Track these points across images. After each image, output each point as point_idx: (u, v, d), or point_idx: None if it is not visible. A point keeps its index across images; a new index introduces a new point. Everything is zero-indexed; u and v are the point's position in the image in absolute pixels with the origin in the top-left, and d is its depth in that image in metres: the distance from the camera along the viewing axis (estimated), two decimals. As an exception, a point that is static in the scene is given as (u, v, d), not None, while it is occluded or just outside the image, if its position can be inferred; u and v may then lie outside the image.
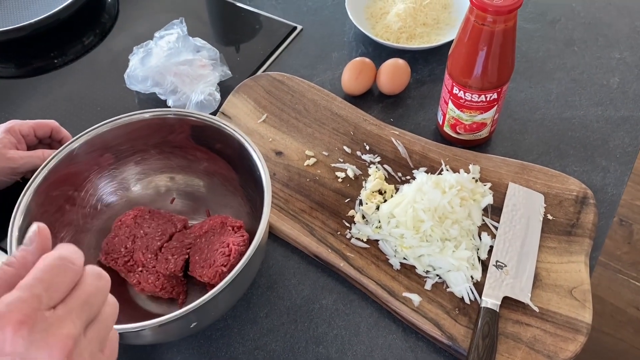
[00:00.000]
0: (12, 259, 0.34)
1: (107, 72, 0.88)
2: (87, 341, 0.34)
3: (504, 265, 0.62)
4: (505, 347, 0.58)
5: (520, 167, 0.70)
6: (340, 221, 0.68)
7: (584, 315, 0.59)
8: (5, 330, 0.31)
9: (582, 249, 0.63)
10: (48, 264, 0.34)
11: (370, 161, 0.72)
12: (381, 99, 0.81)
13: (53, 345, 0.32)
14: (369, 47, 0.88)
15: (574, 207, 0.67)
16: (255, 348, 0.61)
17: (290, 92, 0.80)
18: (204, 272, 0.58)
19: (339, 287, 0.65)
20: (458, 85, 0.67)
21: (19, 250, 0.35)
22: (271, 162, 0.73)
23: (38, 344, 0.31)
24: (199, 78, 0.77)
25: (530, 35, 0.88)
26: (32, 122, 0.68)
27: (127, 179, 0.67)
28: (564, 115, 0.78)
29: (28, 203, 0.56)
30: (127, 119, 0.62)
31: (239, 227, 0.60)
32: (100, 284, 0.36)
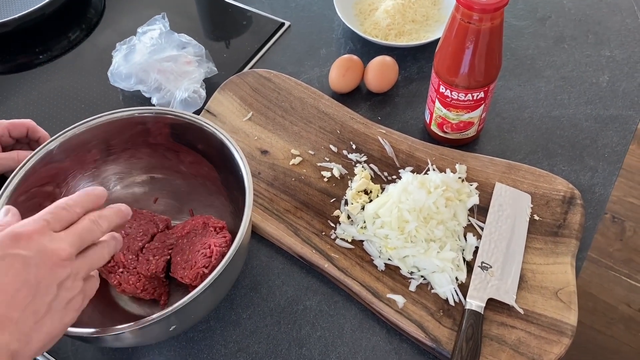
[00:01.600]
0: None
1: (93, 68, 0.87)
2: (76, 264, 0.44)
3: (489, 267, 0.61)
4: (489, 349, 0.57)
5: (508, 166, 0.69)
6: (325, 221, 0.67)
7: (569, 317, 0.58)
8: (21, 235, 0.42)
9: (569, 250, 0.63)
10: (55, 205, 0.45)
11: (357, 160, 0.72)
12: (369, 97, 0.80)
13: (54, 248, 0.42)
14: (358, 44, 0.87)
15: (560, 207, 0.66)
16: (237, 350, 0.60)
17: (277, 90, 0.79)
18: (185, 273, 0.57)
19: (324, 288, 0.64)
20: (445, 84, 0.66)
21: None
22: (256, 160, 0.73)
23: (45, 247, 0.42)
24: (184, 75, 0.76)
25: (520, 33, 0.87)
26: (7, 122, 0.67)
27: (108, 178, 0.66)
28: (552, 114, 0.77)
29: (2, 206, 0.55)
30: (103, 119, 0.61)
31: (221, 227, 0.60)
32: (94, 227, 0.46)
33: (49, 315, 0.42)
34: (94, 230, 0.46)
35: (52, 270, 0.42)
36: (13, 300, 0.40)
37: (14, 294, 0.40)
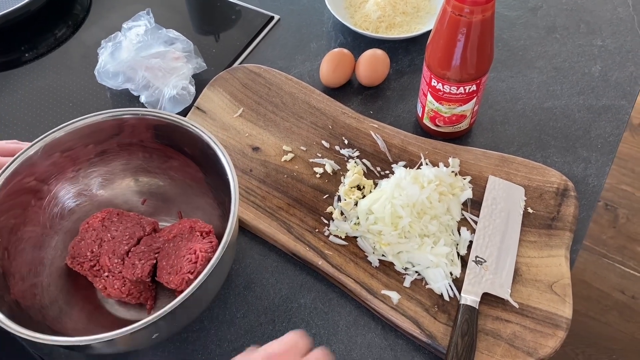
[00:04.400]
0: None
1: (80, 66, 0.85)
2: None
3: (484, 261, 0.61)
4: (484, 344, 0.57)
5: (501, 159, 0.69)
6: (319, 218, 0.66)
7: (564, 310, 0.58)
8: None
9: (563, 242, 0.63)
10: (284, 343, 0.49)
11: (349, 156, 0.71)
12: (361, 91, 0.80)
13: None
14: (348, 37, 0.86)
15: (554, 199, 0.66)
16: (232, 350, 0.60)
17: (267, 85, 0.78)
18: (170, 278, 0.56)
19: (318, 286, 0.64)
20: (436, 78, 0.66)
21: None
22: (248, 158, 0.72)
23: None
24: (172, 71, 0.75)
25: (511, 23, 0.86)
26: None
27: (93, 181, 0.65)
28: (545, 105, 0.77)
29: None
30: (86, 121, 0.60)
31: (207, 232, 0.59)
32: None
33: None
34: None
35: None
36: None
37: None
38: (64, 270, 0.62)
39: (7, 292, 0.55)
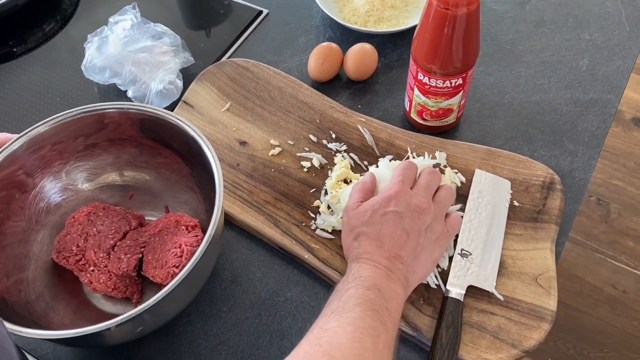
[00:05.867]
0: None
1: (68, 61, 0.85)
2: (432, 210, 0.57)
3: (469, 254, 0.61)
4: (469, 336, 0.57)
5: (487, 153, 0.69)
6: (306, 212, 0.66)
7: (549, 302, 0.59)
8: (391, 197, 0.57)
9: (548, 235, 0.63)
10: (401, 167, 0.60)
11: (337, 150, 0.71)
12: (349, 85, 0.80)
13: (416, 202, 0.57)
14: (337, 31, 0.86)
15: (540, 193, 0.66)
16: (218, 343, 0.60)
17: (255, 79, 0.78)
18: (156, 272, 0.56)
19: (305, 279, 0.64)
20: (422, 71, 0.66)
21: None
22: (235, 152, 0.72)
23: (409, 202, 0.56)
24: (159, 65, 0.75)
25: (499, 17, 0.86)
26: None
27: (79, 175, 0.65)
28: (532, 99, 0.77)
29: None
30: (70, 116, 0.60)
31: (193, 226, 0.59)
32: (431, 177, 0.60)
33: (422, 252, 0.56)
34: (435, 180, 0.60)
35: (418, 219, 0.56)
36: (397, 242, 0.55)
37: (397, 239, 0.55)
38: (49, 264, 0.62)
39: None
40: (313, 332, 0.48)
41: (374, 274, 0.52)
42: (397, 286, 0.52)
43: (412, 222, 0.56)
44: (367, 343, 0.46)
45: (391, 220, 0.55)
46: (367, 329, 0.47)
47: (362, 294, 0.50)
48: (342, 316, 0.48)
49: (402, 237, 0.55)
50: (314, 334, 0.48)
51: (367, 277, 0.51)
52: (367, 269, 0.53)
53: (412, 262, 0.55)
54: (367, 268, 0.53)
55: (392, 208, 0.56)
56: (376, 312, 0.49)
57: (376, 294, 0.50)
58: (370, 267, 0.53)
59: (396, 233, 0.55)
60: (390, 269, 0.53)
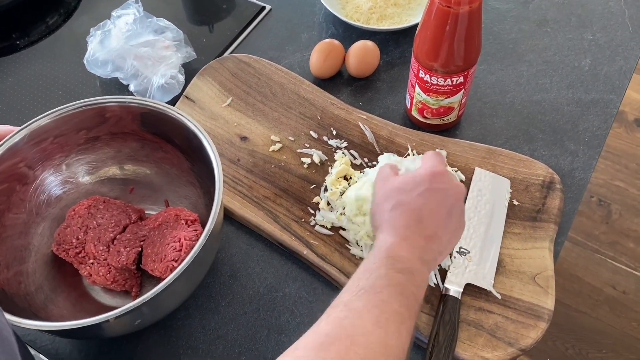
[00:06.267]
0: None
1: (70, 54, 0.85)
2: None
3: (467, 252, 0.61)
4: (466, 334, 0.57)
5: (488, 151, 0.69)
6: (305, 208, 0.67)
7: (546, 301, 0.59)
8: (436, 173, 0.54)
9: (547, 234, 0.63)
10: (432, 152, 0.56)
11: (337, 146, 0.71)
12: (350, 82, 0.80)
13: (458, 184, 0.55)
14: (339, 28, 0.86)
15: (540, 192, 0.66)
16: (216, 337, 0.60)
17: (257, 75, 0.78)
18: (155, 266, 0.56)
19: (303, 275, 0.64)
20: (424, 69, 0.66)
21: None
22: (236, 147, 0.72)
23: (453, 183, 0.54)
24: (161, 60, 0.75)
25: (502, 16, 0.86)
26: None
27: (80, 168, 0.65)
28: (534, 98, 0.77)
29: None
30: (72, 109, 0.60)
31: (192, 220, 0.59)
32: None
33: (454, 236, 0.54)
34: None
35: (458, 200, 0.54)
36: (438, 221, 0.52)
37: (439, 217, 0.52)
38: (49, 257, 0.62)
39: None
40: (336, 310, 0.46)
41: (409, 255, 0.49)
42: (426, 270, 0.50)
43: (455, 203, 0.53)
44: (391, 328, 0.44)
45: (437, 197, 0.52)
46: (393, 314, 0.45)
47: (393, 277, 0.47)
48: (369, 296, 0.46)
49: (444, 217, 0.52)
50: (337, 313, 0.45)
51: (401, 259, 0.49)
52: (404, 248, 0.49)
53: (447, 244, 0.53)
54: (404, 247, 0.49)
55: (439, 185, 0.53)
56: (404, 296, 0.47)
57: (407, 278, 0.48)
58: (407, 247, 0.50)
59: (440, 212, 0.52)
60: (424, 251, 0.50)
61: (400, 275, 0.48)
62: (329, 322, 0.45)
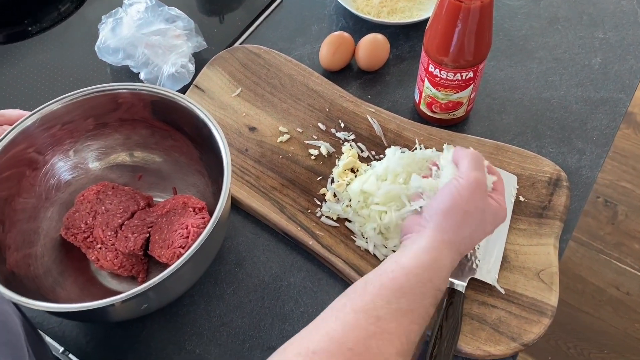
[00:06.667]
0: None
1: (82, 41, 0.86)
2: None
3: (473, 247, 0.61)
4: (469, 328, 0.58)
5: (495, 147, 0.69)
6: (311, 199, 0.67)
7: (550, 297, 0.59)
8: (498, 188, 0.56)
9: (552, 231, 0.63)
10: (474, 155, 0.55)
11: (344, 139, 0.71)
12: (359, 75, 0.80)
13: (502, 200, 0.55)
14: (350, 20, 0.86)
15: (546, 189, 0.66)
16: (221, 324, 0.61)
17: (267, 66, 0.79)
18: (162, 252, 0.57)
19: (308, 265, 0.64)
20: (434, 63, 0.66)
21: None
22: (244, 137, 0.72)
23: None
24: (172, 49, 0.75)
25: (513, 13, 0.86)
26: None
27: (89, 154, 0.65)
28: (543, 96, 0.77)
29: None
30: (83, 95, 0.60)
31: (200, 208, 0.59)
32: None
33: (477, 233, 0.53)
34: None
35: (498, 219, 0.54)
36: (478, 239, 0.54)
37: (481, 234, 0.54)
38: (58, 241, 0.63)
39: (3, 263, 0.56)
40: (366, 316, 0.45)
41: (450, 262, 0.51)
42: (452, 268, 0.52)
43: (494, 221, 0.55)
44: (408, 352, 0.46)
45: (492, 213, 0.53)
46: (417, 333, 0.47)
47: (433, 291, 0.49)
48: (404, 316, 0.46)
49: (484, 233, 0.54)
50: (366, 321, 0.45)
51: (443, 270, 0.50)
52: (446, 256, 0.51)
53: (472, 243, 0.54)
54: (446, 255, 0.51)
55: (496, 199, 0.54)
56: (431, 308, 0.49)
57: (441, 285, 0.50)
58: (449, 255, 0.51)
59: (486, 226, 0.54)
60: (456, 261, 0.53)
61: (439, 290, 0.49)
62: (354, 330, 0.44)
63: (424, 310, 0.48)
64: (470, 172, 0.53)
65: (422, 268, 0.49)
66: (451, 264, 0.51)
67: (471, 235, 0.53)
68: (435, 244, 0.51)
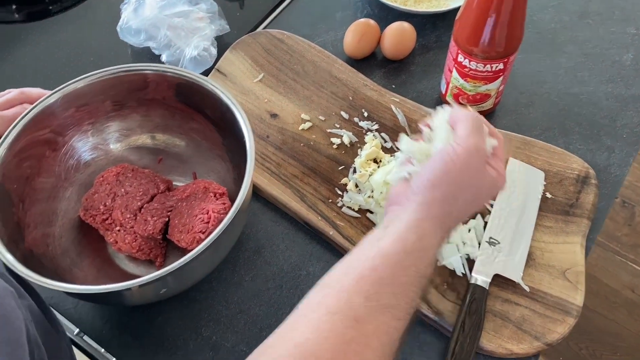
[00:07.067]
0: None
1: (103, 21, 0.85)
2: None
3: (498, 242, 0.60)
4: (492, 325, 0.56)
5: (523, 142, 0.68)
6: (333, 189, 0.66)
7: (575, 297, 0.58)
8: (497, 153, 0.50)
9: (579, 229, 0.61)
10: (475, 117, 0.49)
11: (368, 128, 0.70)
12: (384, 64, 0.78)
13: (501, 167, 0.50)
14: (375, 8, 0.84)
15: (574, 186, 0.64)
16: (238, 312, 0.60)
17: (290, 52, 0.77)
18: (182, 237, 0.56)
19: (327, 255, 0.63)
20: (464, 53, 0.64)
21: None
22: (265, 124, 0.71)
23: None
24: (195, 31, 0.74)
25: (543, 5, 0.84)
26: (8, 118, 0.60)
27: (110, 135, 0.65)
28: (571, 91, 0.75)
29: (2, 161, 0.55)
30: (106, 74, 0.59)
31: (221, 194, 0.58)
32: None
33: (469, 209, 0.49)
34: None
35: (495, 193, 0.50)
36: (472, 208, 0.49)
37: (476, 204, 0.49)
38: (76, 222, 0.62)
39: (22, 241, 0.56)
40: (342, 318, 0.40)
41: (435, 240, 0.45)
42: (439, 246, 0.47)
43: (491, 192, 0.50)
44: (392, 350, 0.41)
45: (488, 183, 0.48)
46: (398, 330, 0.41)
47: (417, 276, 0.43)
48: (384, 313, 0.41)
49: (478, 207, 0.50)
50: (342, 324, 0.39)
51: (428, 250, 0.45)
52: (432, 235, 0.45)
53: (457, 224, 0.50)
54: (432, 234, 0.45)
55: (495, 166, 0.48)
56: (415, 298, 0.43)
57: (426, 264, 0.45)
58: (433, 232, 0.45)
59: (481, 198, 0.49)
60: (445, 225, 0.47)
61: (424, 276, 0.44)
62: (329, 338, 0.38)
63: (407, 303, 0.42)
64: (468, 137, 0.47)
65: (405, 252, 0.43)
66: (438, 243, 0.46)
67: (464, 209, 0.48)
68: (421, 221, 0.45)
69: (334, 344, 0.38)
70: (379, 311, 0.41)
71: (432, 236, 0.45)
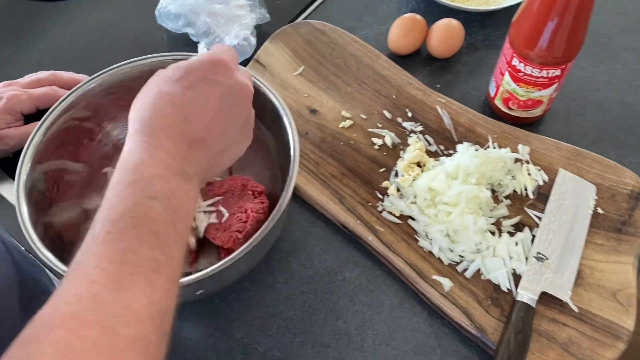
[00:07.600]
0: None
1: (140, 4, 0.82)
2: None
3: (545, 258, 0.57)
4: (537, 345, 0.54)
5: (573, 152, 0.65)
6: (373, 192, 0.63)
7: (626, 321, 0.55)
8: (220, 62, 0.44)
9: (632, 249, 0.58)
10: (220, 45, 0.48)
11: (411, 130, 0.67)
12: (429, 62, 0.75)
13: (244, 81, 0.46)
14: (421, 2, 0.81)
15: (627, 202, 0.61)
16: (271, 315, 0.58)
17: (332, 45, 0.74)
18: (218, 235, 0.54)
19: (365, 261, 0.61)
20: (519, 57, 0.61)
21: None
22: (304, 119, 0.69)
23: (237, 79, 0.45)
24: (235, 19, 0.72)
25: (598, 8, 0.79)
26: (35, 96, 0.61)
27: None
28: (626, 100, 0.71)
29: (38, 144, 0.53)
30: (148, 61, 0.57)
31: (259, 192, 0.56)
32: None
33: (231, 145, 0.46)
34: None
35: (243, 104, 0.45)
36: (210, 125, 0.43)
37: (212, 120, 0.43)
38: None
39: (51, 226, 0.54)
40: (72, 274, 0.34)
41: (165, 171, 0.38)
42: (191, 187, 0.40)
43: (235, 105, 0.44)
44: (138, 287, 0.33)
45: (212, 92, 0.43)
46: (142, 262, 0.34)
47: (144, 210, 0.36)
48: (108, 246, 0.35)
49: (217, 118, 0.43)
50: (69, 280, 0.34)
51: (154, 179, 0.38)
52: (159, 163, 0.38)
53: (221, 154, 0.44)
54: (158, 161, 0.39)
55: (217, 77, 0.43)
56: (158, 234, 0.36)
57: (163, 205, 0.37)
58: (163, 160, 0.39)
59: (212, 110, 0.43)
60: (188, 162, 0.41)
61: (153, 204, 0.37)
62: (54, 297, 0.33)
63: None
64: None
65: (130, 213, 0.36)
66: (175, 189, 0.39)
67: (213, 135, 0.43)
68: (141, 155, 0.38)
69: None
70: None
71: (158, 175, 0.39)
